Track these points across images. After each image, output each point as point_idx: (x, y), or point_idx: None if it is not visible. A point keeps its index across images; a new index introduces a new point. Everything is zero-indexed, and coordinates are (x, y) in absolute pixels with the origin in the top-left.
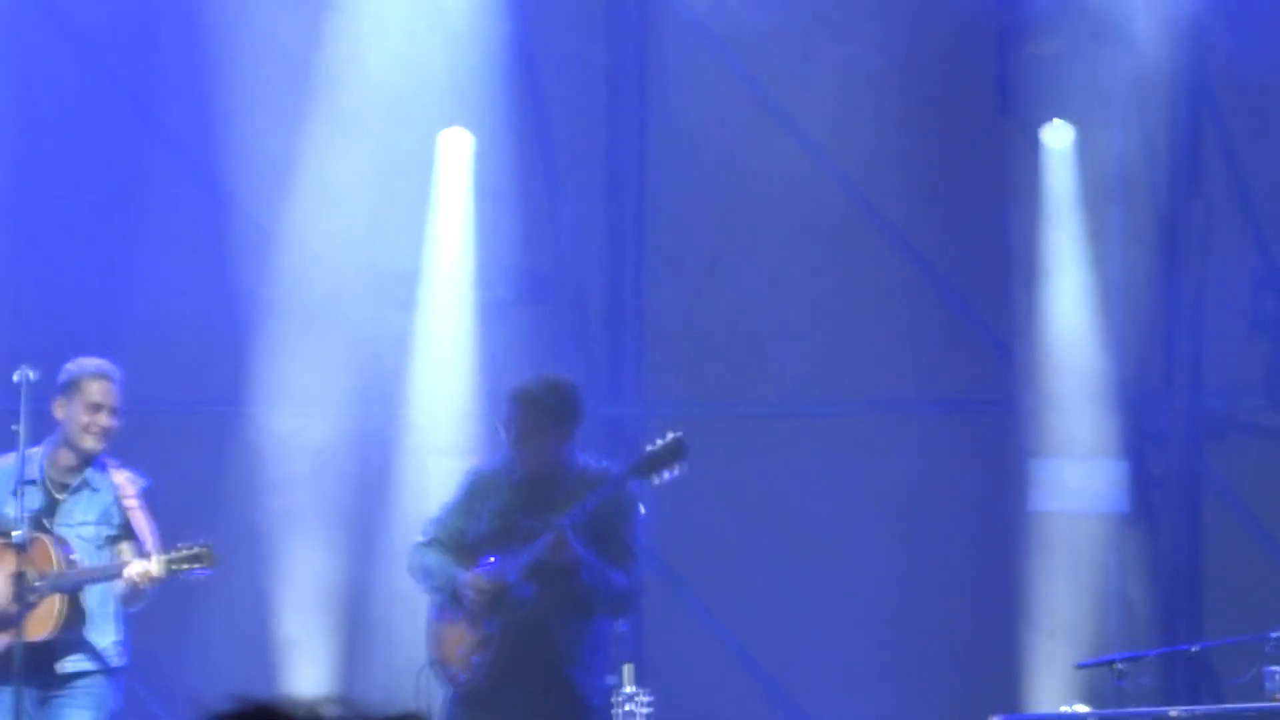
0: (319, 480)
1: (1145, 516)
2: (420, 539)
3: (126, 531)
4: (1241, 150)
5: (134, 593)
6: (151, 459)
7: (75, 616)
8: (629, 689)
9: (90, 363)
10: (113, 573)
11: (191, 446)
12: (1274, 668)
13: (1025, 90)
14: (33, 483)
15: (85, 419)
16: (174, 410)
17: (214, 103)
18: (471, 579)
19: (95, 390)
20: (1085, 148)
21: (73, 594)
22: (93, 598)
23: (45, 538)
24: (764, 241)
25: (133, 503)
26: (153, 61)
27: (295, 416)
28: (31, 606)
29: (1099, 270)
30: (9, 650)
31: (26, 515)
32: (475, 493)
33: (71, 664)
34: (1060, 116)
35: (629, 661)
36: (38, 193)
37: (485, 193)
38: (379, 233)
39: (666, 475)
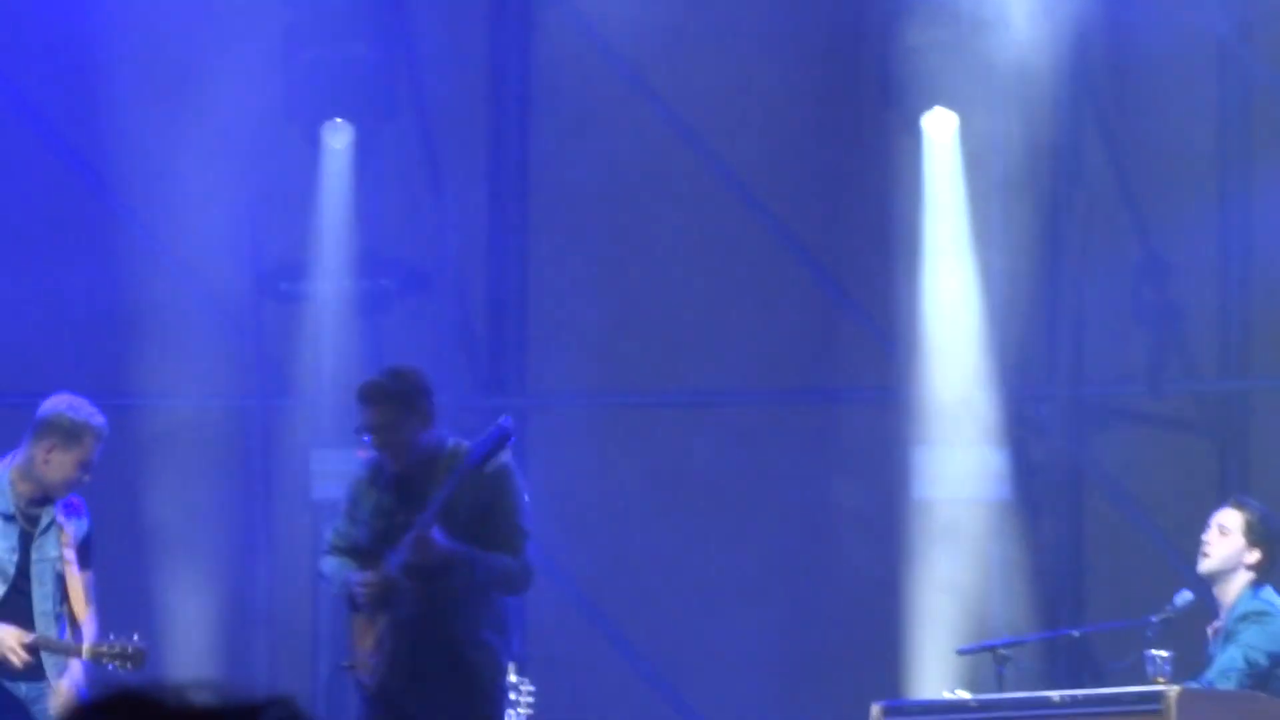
0: (203, 473)
1: (1027, 504)
2: (324, 548)
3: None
4: (1123, 139)
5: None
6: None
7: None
8: (512, 679)
9: (95, 416)
10: (71, 652)
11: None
12: (1154, 652)
13: (907, 79)
14: (10, 518)
15: (75, 474)
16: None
17: (92, 94)
18: (359, 579)
19: (94, 449)
20: (967, 136)
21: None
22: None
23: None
24: (648, 232)
25: (71, 557)
26: (29, 62)
27: (178, 410)
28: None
29: (981, 259)
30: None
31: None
32: (356, 497)
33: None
34: (942, 105)
35: (510, 662)
36: None
37: (368, 184)
38: (262, 225)
39: (499, 459)
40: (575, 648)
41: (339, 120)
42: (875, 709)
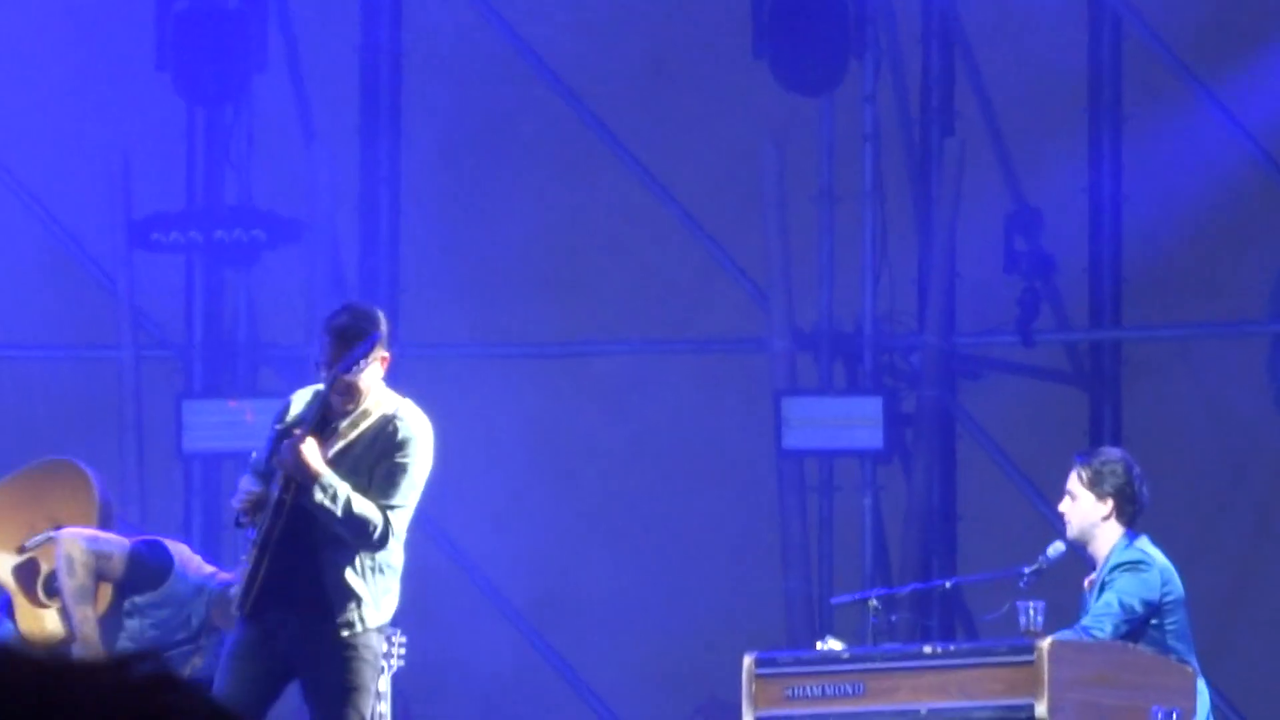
0: (73, 424)
1: (898, 454)
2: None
3: None
4: (994, 89)
5: None
6: None
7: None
8: (385, 631)
9: None
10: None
11: None
12: (1026, 602)
13: (779, 30)
14: None
15: None
16: None
17: None
18: (245, 488)
19: None
20: (838, 86)
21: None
22: None
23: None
24: (518, 183)
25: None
26: None
27: (49, 361)
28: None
29: (851, 209)
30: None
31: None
32: (281, 416)
33: None
34: (814, 54)
35: (381, 612)
36: None
37: (239, 135)
38: (133, 176)
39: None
40: (449, 601)
41: (212, 70)
42: (748, 660)
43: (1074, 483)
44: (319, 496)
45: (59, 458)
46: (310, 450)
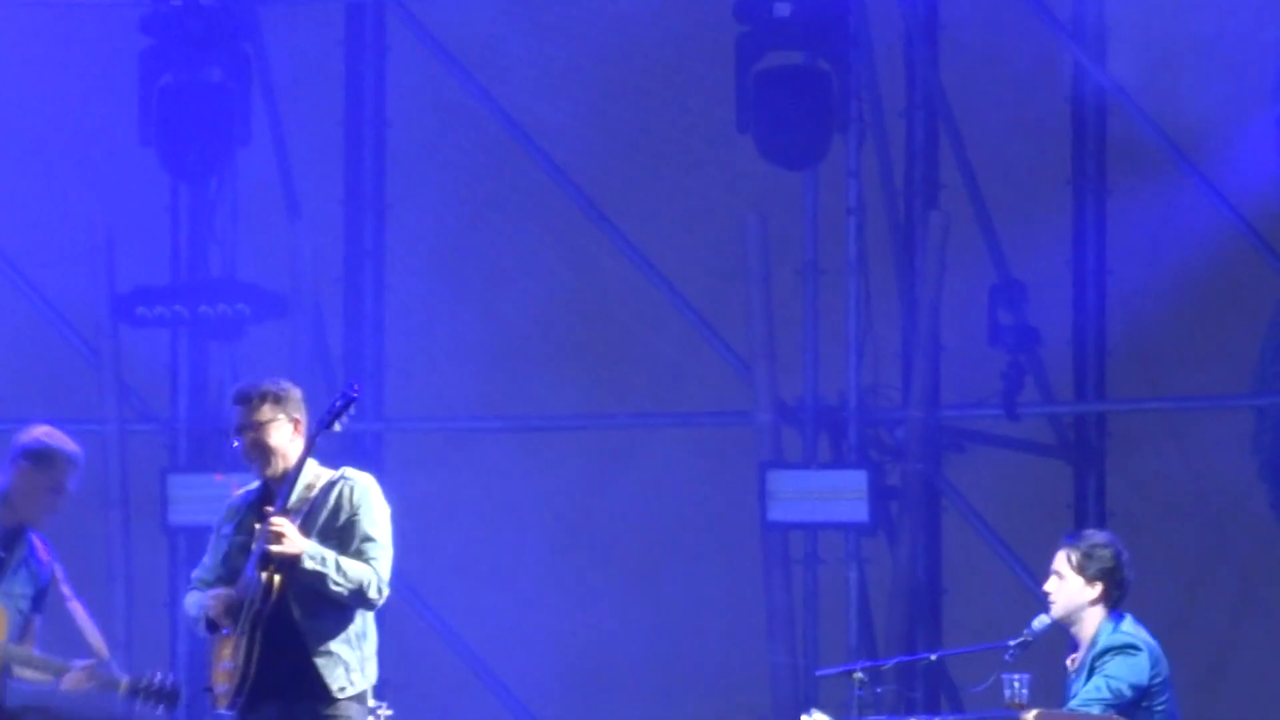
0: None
1: (883, 527)
2: (189, 585)
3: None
4: (977, 163)
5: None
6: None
7: None
8: (370, 703)
9: (68, 444)
10: (55, 670)
11: None
12: (1011, 675)
13: (762, 103)
14: None
15: (48, 498)
16: None
17: None
18: (209, 593)
19: (70, 476)
20: (822, 160)
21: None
22: None
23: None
24: (503, 257)
25: (68, 591)
26: None
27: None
28: None
29: (835, 283)
30: None
31: None
32: (218, 525)
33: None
34: (797, 129)
35: (368, 680)
36: None
37: (223, 209)
38: (118, 250)
39: (346, 419)
40: (433, 672)
41: (196, 145)
42: None
43: (1062, 564)
44: (310, 565)
45: None
46: (289, 527)
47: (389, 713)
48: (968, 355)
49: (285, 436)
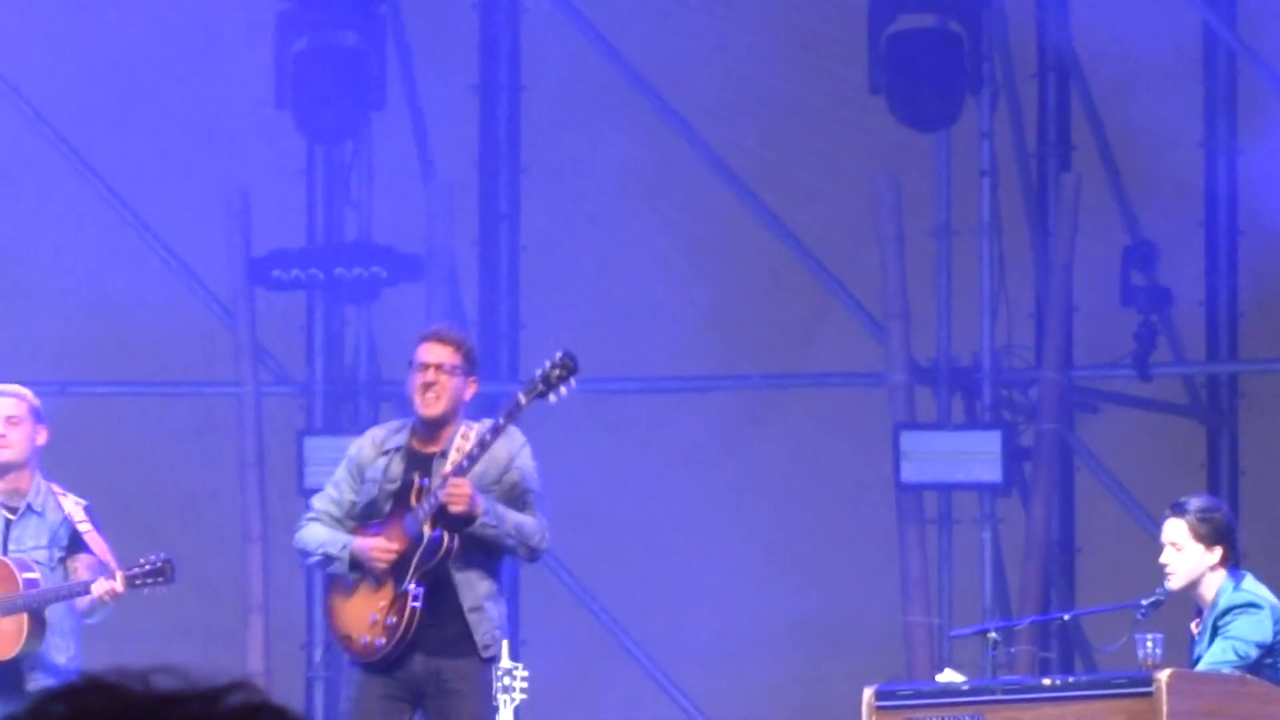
0: (195, 460)
1: (1017, 487)
2: (306, 515)
3: (73, 550)
4: (1110, 124)
5: (96, 606)
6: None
7: (39, 633)
8: (506, 664)
9: None
10: (78, 590)
11: (65, 428)
12: (1144, 635)
13: (894, 64)
14: None
15: None
16: (46, 390)
17: (84, 83)
18: (374, 543)
19: None
20: (955, 121)
21: (37, 611)
22: (54, 613)
23: (5, 560)
24: (636, 219)
25: (86, 526)
26: (18, 39)
27: (171, 397)
28: None
29: (968, 244)
30: None
31: None
32: (360, 461)
33: (38, 681)
34: (929, 90)
35: (505, 637)
36: None
37: (359, 172)
38: (254, 213)
39: (564, 390)
40: (570, 634)
41: (331, 109)
42: (867, 693)
43: (1178, 534)
44: (488, 523)
45: None
46: (469, 487)
47: (525, 673)
48: (1100, 316)
49: (462, 390)
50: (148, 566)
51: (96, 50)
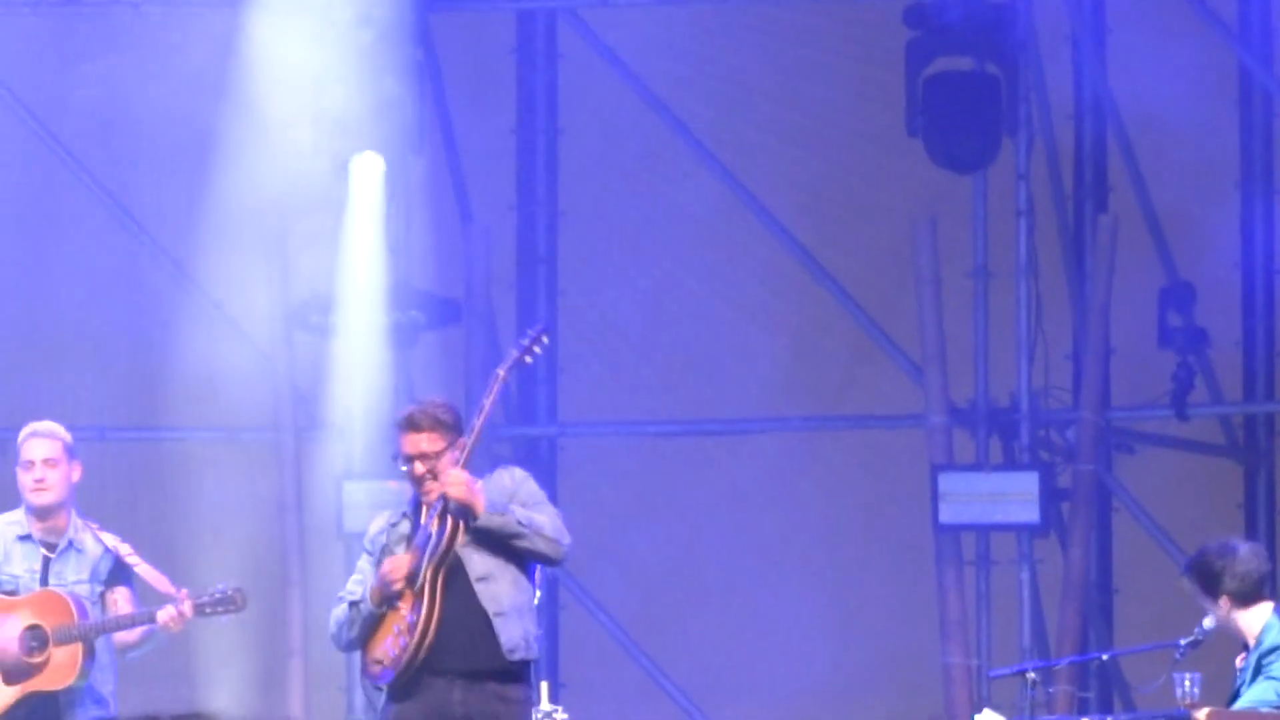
0: (235, 505)
1: (1055, 528)
2: (334, 606)
3: (112, 584)
4: (1146, 165)
5: (145, 639)
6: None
7: (91, 666)
8: (546, 707)
9: (30, 425)
10: (141, 619)
11: (105, 473)
12: (1183, 674)
13: (931, 107)
14: (29, 538)
15: (23, 476)
16: (85, 435)
17: (124, 131)
18: (385, 567)
19: (26, 449)
20: (993, 162)
21: (90, 644)
22: (97, 646)
23: (58, 591)
24: (675, 262)
25: (135, 558)
26: (63, 89)
27: (210, 442)
28: (45, 658)
29: (1005, 285)
30: (25, 700)
31: (31, 572)
32: (373, 539)
33: (81, 713)
34: (966, 133)
35: (544, 679)
36: None
37: (396, 216)
38: (290, 258)
39: (537, 349)
40: (609, 676)
41: (368, 153)
42: None
43: (1192, 595)
44: (490, 512)
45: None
46: (467, 476)
47: (565, 717)
48: (1137, 357)
49: (454, 463)
50: (217, 594)
51: (133, 95)
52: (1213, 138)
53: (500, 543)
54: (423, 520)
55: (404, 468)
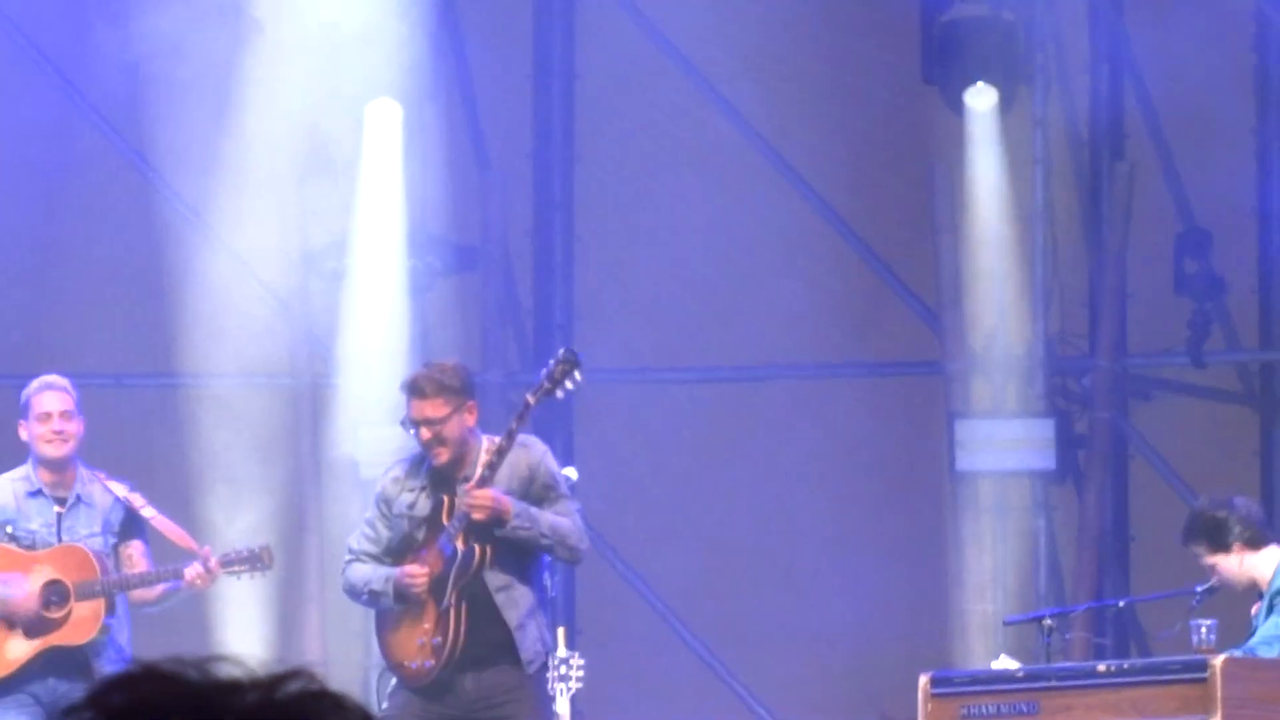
0: (251, 452)
1: (1071, 475)
2: (346, 559)
3: (125, 536)
4: (1162, 112)
5: (168, 594)
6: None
7: (111, 620)
8: (562, 653)
9: (39, 380)
10: (168, 576)
11: (120, 420)
12: (1199, 621)
13: (948, 53)
14: (40, 494)
15: (39, 429)
16: (101, 384)
17: (138, 73)
18: (409, 569)
19: (41, 401)
20: (1007, 111)
21: (111, 599)
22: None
23: (79, 546)
24: (690, 208)
25: (150, 511)
26: (79, 38)
27: (226, 388)
28: (65, 612)
29: (1023, 232)
30: (45, 654)
31: (47, 526)
32: (388, 497)
33: (110, 664)
34: (983, 80)
35: (562, 625)
36: None
37: (413, 162)
38: (307, 204)
39: (569, 384)
40: (625, 622)
41: (384, 99)
42: (923, 680)
43: (1205, 560)
44: (517, 524)
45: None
46: (491, 494)
47: (581, 662)
48: (1154, 303)
49: (462, 423)
50: (245, 553)
51: (149, 42)
52: (1230, 84)
53: (519, 545)
54: (444, 514)
55: (410, 432)
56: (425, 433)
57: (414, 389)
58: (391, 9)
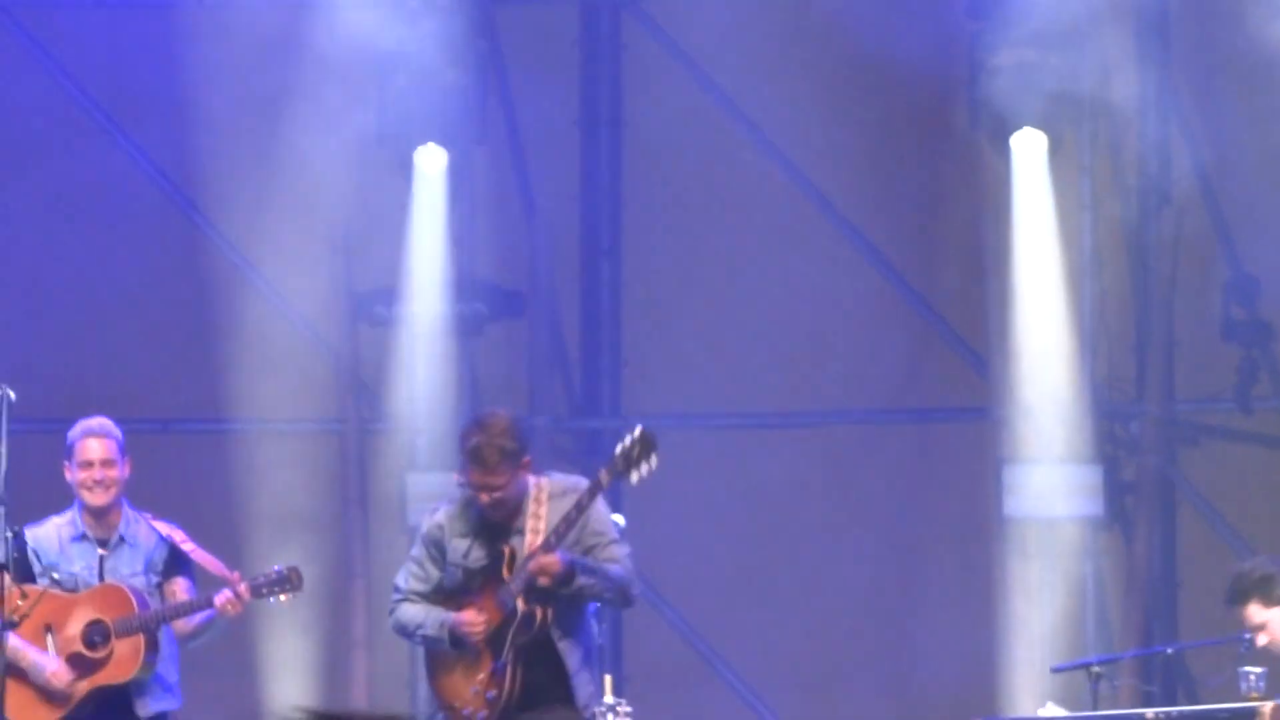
0: (298, 498)
1: (1120, 521)
2: (395, 597)
3: (169, 574)
4: (1210, 155)
5: (204, 627)
6: (129, 477)
7: (155, 657)
8: (609, 699)
9: (82, 424)
10: (199, 605)
11: (168, 466)
12: (1248, 669)
13: (995, 99)
14: (84, 538)
15: (81, 475)
16: (150, 430)
17: (187, 119)
18: (467, 617)
19: (84, 449)
20: (1055, 156)
21: (153, 634)
22: (161, 637)
23: (117, 584)
24: (738, 254)
25: (189, 545)
26: (125, 81)
27: (275, 434)
28: (108, 651)
29: (1071, 278)
30: (95, 695)
31: (89, 569)
32: (436, 540)
33: (153, 704)
34: (1030, 125)
35: (607, 673)
36: (5, 212)
37: (461, 208)
38: (355, 250)
39: (645, 469)
40: (672, 668)
41: (432, 145)
42: None
43: (1250, 619)
44: (582, 581)
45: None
46: (554, 560)
47: (629, 709)
48: (1201, 350)
49: (519, 479)
50: (274, 575)
51: (196, 85)
52: (1277, 128)
53: (578, 597)
54: (505, 565)
55: (468, 492)
56: (485, 497)
57: (477, 458)
58: (440, 55)
